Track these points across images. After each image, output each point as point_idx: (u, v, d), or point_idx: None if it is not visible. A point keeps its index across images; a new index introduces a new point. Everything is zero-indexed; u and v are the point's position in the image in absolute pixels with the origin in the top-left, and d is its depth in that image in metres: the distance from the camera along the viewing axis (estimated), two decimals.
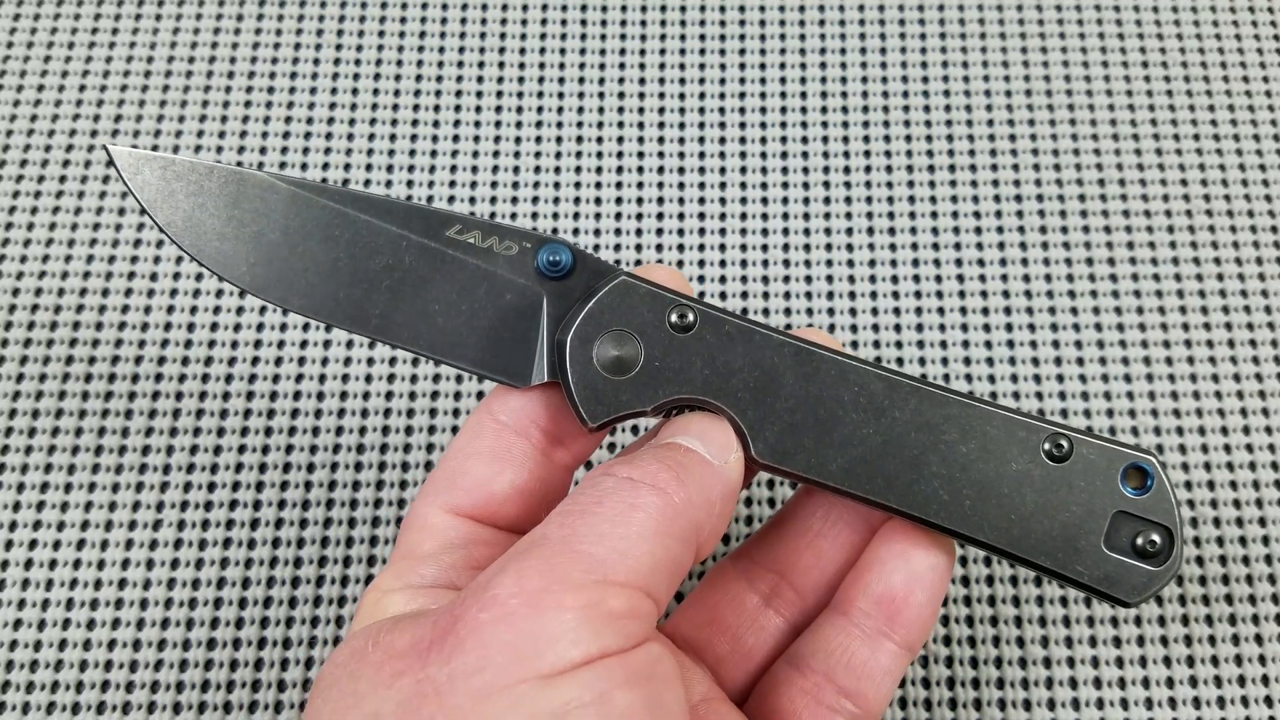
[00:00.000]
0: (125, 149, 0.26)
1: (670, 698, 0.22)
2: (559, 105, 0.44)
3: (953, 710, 0.36)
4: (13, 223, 0.41)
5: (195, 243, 0.26)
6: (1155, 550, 0.26)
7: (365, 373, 0.39)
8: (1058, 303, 0.41)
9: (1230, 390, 0.40)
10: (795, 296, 0.41)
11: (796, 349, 0.26)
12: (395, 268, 0.27)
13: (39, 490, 0.38)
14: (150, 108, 0.43)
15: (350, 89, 0.44)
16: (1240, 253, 0.42)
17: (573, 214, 0.42)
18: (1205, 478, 0.39)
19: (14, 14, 0.45)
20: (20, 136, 0.43)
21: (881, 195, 0.43)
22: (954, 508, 0.26)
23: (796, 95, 0.44)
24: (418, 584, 0.25)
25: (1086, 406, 0.39)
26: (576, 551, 0.22)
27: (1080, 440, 0.26)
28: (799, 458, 0.26)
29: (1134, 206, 0.42)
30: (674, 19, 0.45)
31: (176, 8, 0.45)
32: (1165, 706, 0.36)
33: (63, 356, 0.39)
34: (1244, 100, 0.44)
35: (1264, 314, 0.41)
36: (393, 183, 0.42)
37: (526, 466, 0.27)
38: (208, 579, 0.37)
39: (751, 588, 0.30)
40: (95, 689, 0.35)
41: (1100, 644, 0.36)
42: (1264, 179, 0.43)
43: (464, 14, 0.45)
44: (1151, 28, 0.45)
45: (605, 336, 0.26)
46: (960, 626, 0.37)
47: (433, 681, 0.20)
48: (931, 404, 0.26)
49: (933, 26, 0.45)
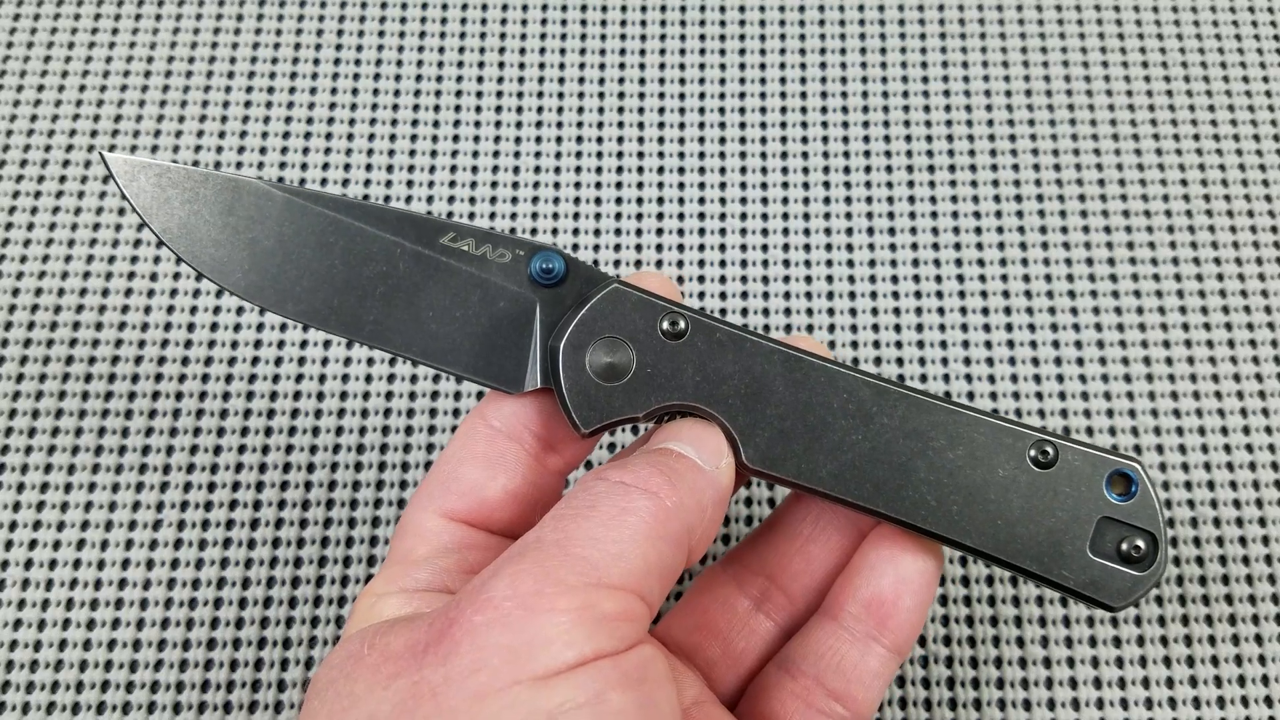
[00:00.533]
0: (121, 156, 0.27)
1: (663, 699, 0.22)
2: (558, 107, 0.44)
3: (953, 710, 0.36)
4: (13, 223, 0.41)
5: (190, 249, 0.27)
6: (1140, 555, 0.26)
7: (365, 374, 0.39)
8: (1058, 303, 0.41)
9: (1230, 390, 0.40)
10: (795, 297, 0.41)
11: (786, 356, 0.27)
12: (389, 275, 0.27)
13: (39, 490, 0.38)
14: (150, 108, 0.43)
15: (350, 89, 0.44)
16: (1240, 253, 0.42)
17: (572, 215, 0.42)
18: (1204, 478, 0.39)
19: (14, 14, 0.45)
20: (20, 137, 0.43)
21: (881, 195, 0.43)
22: (941, 513, 0.27)
23: (796, 95, 0.44)
24: (412, 588, 0.25)
25: (1086, 406, 0.39)
26: (570, 555, 0.22)
27: (1066, 447, 0.27)
28: (789, 464, 0.27)
29: (1134, 206, 0.42)
30: (674, 19, 0.45)
31: (176, 8, 0.45)
32: (1165, 706, 0.36)
33: (63, 356, 0.39)
34: (1244, 100, 0.44)
35: (1264, 314, 0.41)
36: (392, 184, 0.42)
37: (520, 471, 0.27)
38: (208, 579, 0.37)
39: (742, 592, 0.30)
40: (95, 689, 0.35)
41: (1100, 644, 0.36)
42: (1264, 179, 0.43)
43: (464, 14, 0.45)
44: (1151, 28, 0.45)
45: (597, 343, 0.26)
46: (960, 626, 0.37)
47: (428, 683, 0.21)
48: (919, 411, 0.27)
49: (933, 27, 0.45)
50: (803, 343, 0.28)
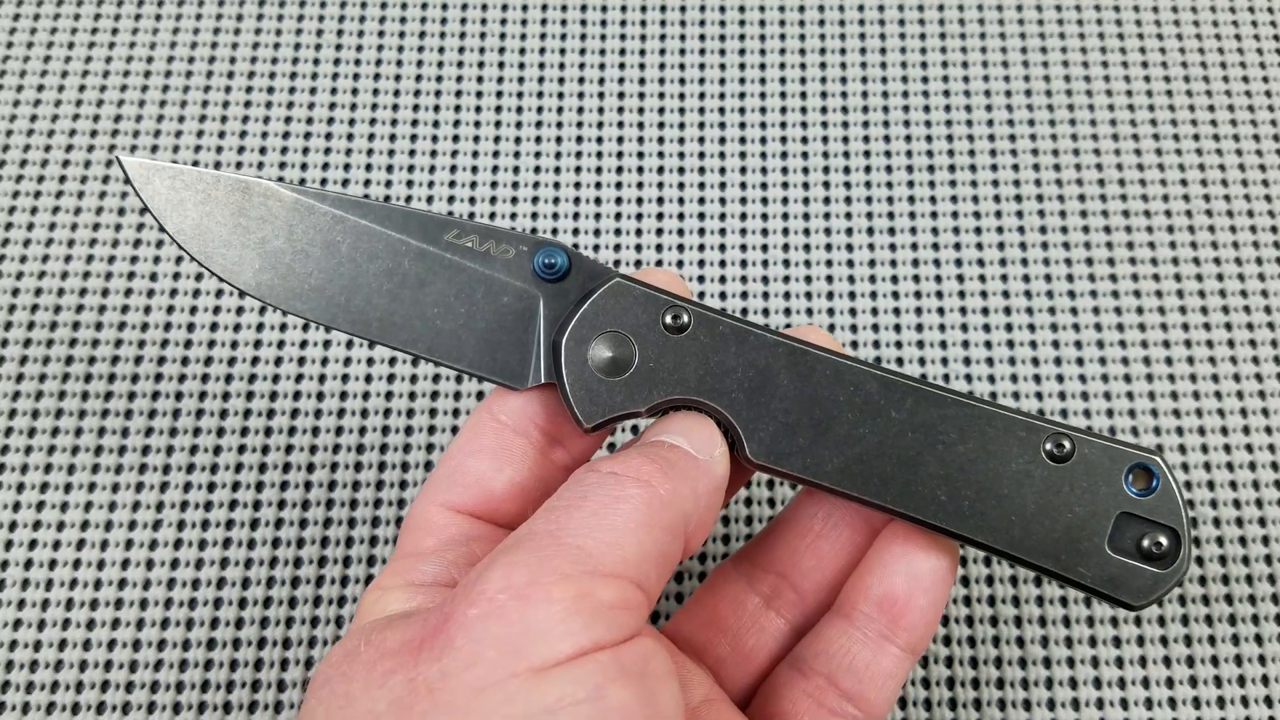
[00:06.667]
0: (136, 160, 0.27)
1: (665, 695, 0.21)
2: (559, 106, 0.44)
3: (953, 710, 0.36)
4: (13, 223, 0.41)
5: (203, 249, 0.27)
6: (1161, 552, 0.25)
7: (365, 373, 0.39)
8: (1058, 303, 0.41)
9: (1230, 390, 0.40)
10: (795, 297, 0.41)
11: (791, 349, 0.26)
12: (395, 272, 0.27)
13: (39, 490, 0.38)
14: (150, 108, 0.43)
15: (350, 89, 0.44)
16: (1240, 253, 0.42)
17: (572, 215, 0.42)
18: (1205, 478, 0.39)
19: (14, 14, 0.45)
20: (20, 137, 0.43)
21: (881, 195, 0.43)
22: (953, 508, 0.26)
23: (796, 95, 0.44)
24: (418, 581, 0.25)
25: (1086, 406, 0.39)
26: (564, 544, 0.22)
27: (1082, 440, 0.26)
28: (794, 458, 0.26)
29: (1134, 206, 0.42)
30: (674, 19, 0.45)
31: (176, 8, 0.45)
32: (1165, 706, 0.36)
33: (63, 356, 0.39)
34: (1244, 100, 0.44)
35: (1264, 314, 0.41)
36: (392, 183, 0.42)
37: (526, 465, 0.27)
38: (208, 579, 0.37)
39: (752, 589, 0.30)
40: (95, 689, 0.35)
41: (1100, 644, 0.36)
42: (1264, 179, 0.43)
43: (464, 14, 0.45)
44: (1151, 28, 0.45)
45: (600, 338, 0.26)
46: (960, 626, 0.37)
47: (425, 679, 0.20)
48: (928, 404, 0.26)
49: (933, 26, 0.45)
50: (810, 334, 0.28)
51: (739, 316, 0.27)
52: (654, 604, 0.23)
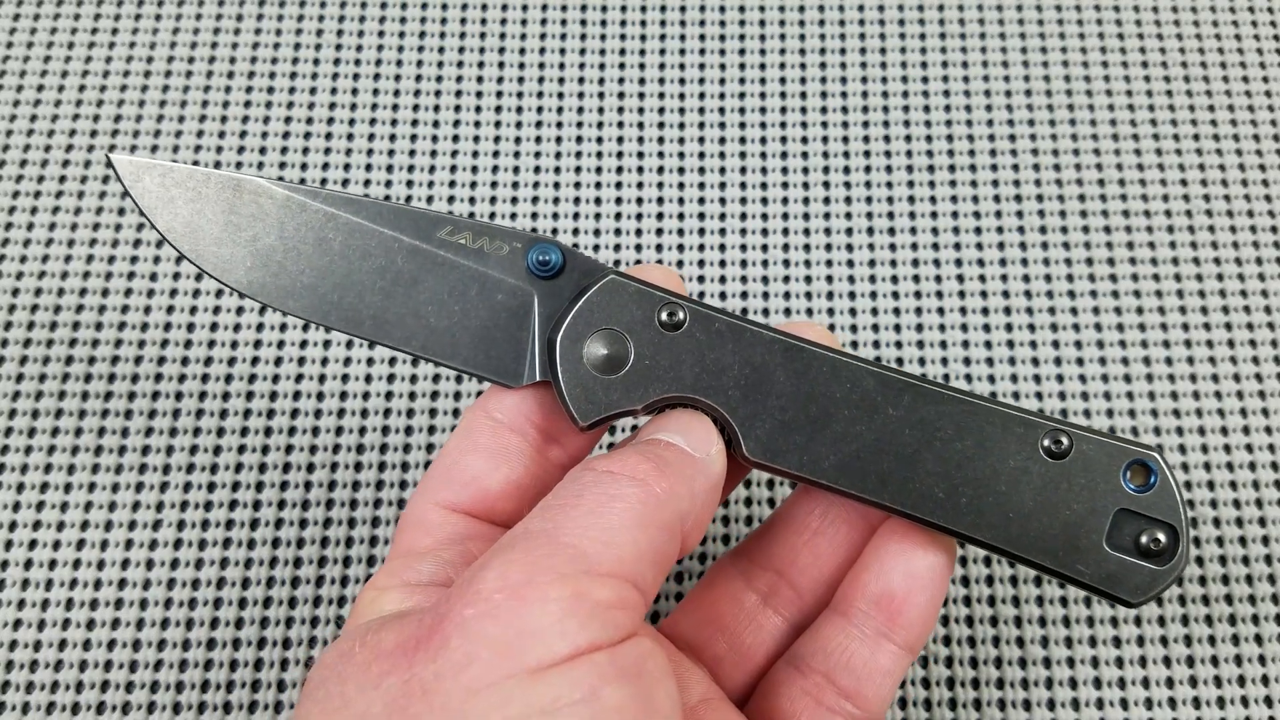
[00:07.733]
0: (126, 157, 0.27)
1: (662, 695, 0.21)
2: (559, 105, 0.44)
3: (953, 710, 0.36)
4: (13, 223, 0.41)
5: (194, 247, 0.27)
6: (1159, 549, 0.25)
7: (365, 373, 0.39)
8: (1058, 303, 0.41)
9: (1230, 390, 0.40)
10: (795, 296, 0.41)
11: (787, 346, 0.26)
12: (388, 269, 0.27)
13: (39, 490, 0.38)
14: (150, 108, 0.43)
15: (350, 89, 0.44)
16: (1240, 253, 0.42)
17: (572, 214, 0.42)
18: (1205, 478, 0.38)
19: (14, 14, 0.45)
20: (20, 137, 0.43)
21: (881, 195, 0.43)
22: (950, 506, 0.26)
23: (796, 95, 0.44)
24: (414, 581, 0.25)
25: (1086, 406, 0.39)
26: (559, 543, 0.22)
27: (1081, 436, 0.26)
28: (791, 455, 0.26)
29: (1134, 206, 0.42)
30: (674, 19, 0.45)
31: (176, 8, 0.45)
32: (1165, 706, 0.36)
33: (63, 356, 0.39)
34: (1244, 100, 0.44)
35: (1264, 314, 0.41)
36: (392, 183, 0.42)
37: (522, 463, 0.27)
38: (208, 579, 0.37)
39: (750, 586, 0.30)
40: (95, 689, 0.35)
41: (1100, 644, 0.36)
42: (1264, 179, 0.43)
43: (464, 14, 0.45)
44: (1151, 28, 0.45)
45: (595, 335, 0.26)
46: (960, 626, 0.37)
47: (419, 680, 0.20)
48: (925, 400, 0.26)
49: (933, 26, 0.45)
50: (807, 329, 0.27)
51: (735, 313, 0.27)
52: (651, 603, 0.23)
